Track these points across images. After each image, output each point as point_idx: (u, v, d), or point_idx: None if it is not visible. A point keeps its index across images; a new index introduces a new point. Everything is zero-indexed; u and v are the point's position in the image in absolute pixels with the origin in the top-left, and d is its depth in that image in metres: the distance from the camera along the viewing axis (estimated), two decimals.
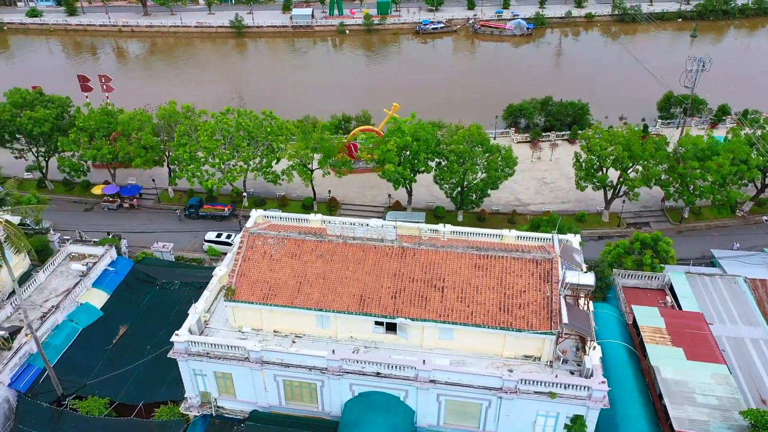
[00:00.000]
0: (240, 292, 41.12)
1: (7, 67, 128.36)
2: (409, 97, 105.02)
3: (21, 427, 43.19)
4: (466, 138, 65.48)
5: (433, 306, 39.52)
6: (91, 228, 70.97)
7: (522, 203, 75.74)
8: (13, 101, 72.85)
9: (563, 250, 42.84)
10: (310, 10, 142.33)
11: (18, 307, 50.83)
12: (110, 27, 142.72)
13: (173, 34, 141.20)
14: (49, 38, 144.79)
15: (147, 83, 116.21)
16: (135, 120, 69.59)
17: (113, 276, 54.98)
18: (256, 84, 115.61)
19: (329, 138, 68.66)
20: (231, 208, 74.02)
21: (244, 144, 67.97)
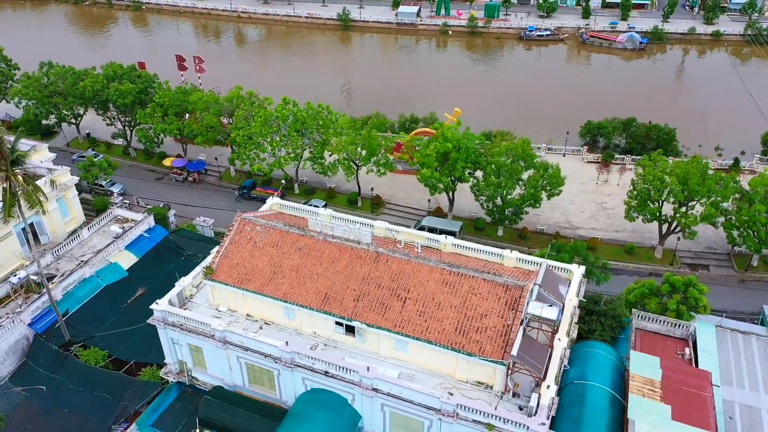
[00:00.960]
0: (218, 272, 43.12)
1: (135, 42, 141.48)
2: (488, 103, 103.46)
3: (30, 363, 48.40)
4: (508, 151, 63.18)
5: (392, 315, 39.05)
6: (154, 196, 77.19)
7: (571, 226, 71.77)
8: (107, 74, 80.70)
9: (546, 279, 40.39)
10: (417, 8, 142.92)
11: (59, 257, 56.86)
12: (231, 12, 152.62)
13: (285, 22, 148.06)
14: (179, 19, 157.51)
15: (248, 66, 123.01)
16: (202, 101, 74.39)
17: (146, 242, 59.52)
18: (350, 75, 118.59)
19: (375, 136, 69.17)
20: (280, 193, 76.85)
21: (294, 134, 70.40)
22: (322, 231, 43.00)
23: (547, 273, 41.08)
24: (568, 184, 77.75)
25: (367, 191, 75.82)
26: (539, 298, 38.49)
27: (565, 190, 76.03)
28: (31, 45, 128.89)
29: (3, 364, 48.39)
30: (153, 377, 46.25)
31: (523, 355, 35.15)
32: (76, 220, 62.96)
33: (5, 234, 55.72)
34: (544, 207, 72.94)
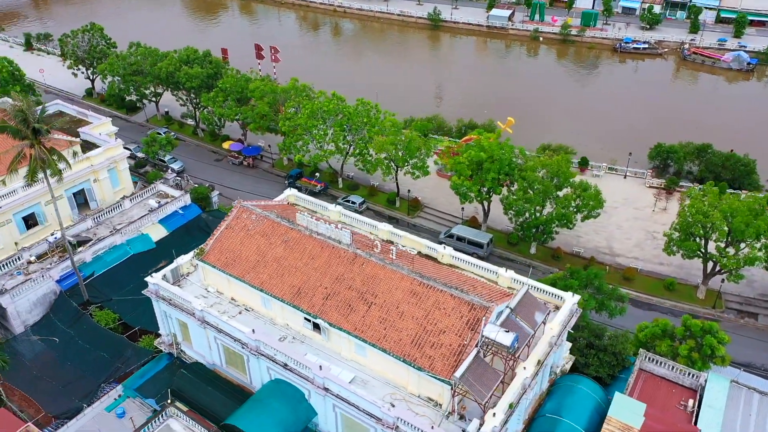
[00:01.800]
0: (209, 254, 44.98)
1: (235, 28, 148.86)
2: (560, 114, 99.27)
3: (51, 316, 52.96)
4: (544, 167, 60.49)
5: (354, 318, 38.97)
6: (208, 176, 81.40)
7: (611, 252, 67.51)
8: (181, 57, 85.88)
9: (522, 303, 38.58)
10: (509, 12, 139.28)
11: (99, 223, 61.59)
12: (328, 5, 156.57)
13: (377, 19, 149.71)
14: (281, 9, 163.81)
15: (330, 59, 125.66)
16: (259, 89, 77.28)
17: (179, 218, 62.95)
18: (428, 75, 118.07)
19: (415, 139, 68.65)
20: (324, 185, 78.52)
21: (338, 128, 71.49)
22: (308, 226, 43.59)
23: (526, 297, 39.16)
24: (621, 208, 73.62)
25: (407, 192, 75.56)
26: (507, 322, 36.89)
27: (616, 214, 72.05)
28: (142, 26, 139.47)
29: (30, 313, 53.34)
30: (149, 345, 49.11)
31: (468, 378, 33.86)
32: (126, 190, 67.69)
33: (58, 196, 61.09)
34: (587, 229, 69.47)
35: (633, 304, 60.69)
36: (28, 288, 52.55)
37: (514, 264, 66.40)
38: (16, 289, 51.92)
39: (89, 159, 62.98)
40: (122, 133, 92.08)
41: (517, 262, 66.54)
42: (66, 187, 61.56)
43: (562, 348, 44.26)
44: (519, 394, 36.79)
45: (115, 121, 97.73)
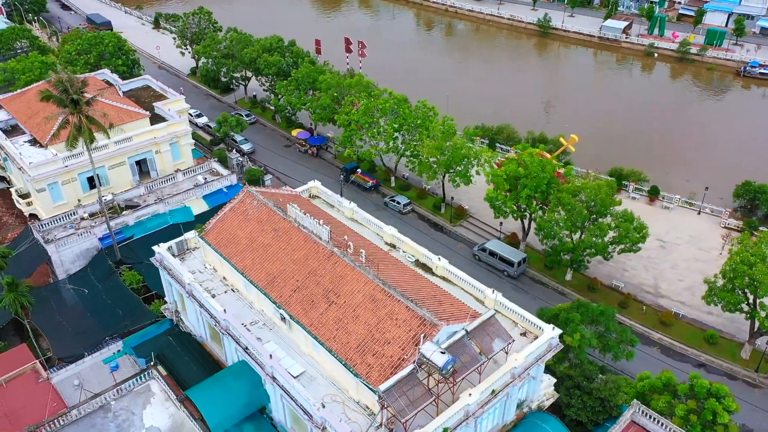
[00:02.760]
0: (209, 232, 47.26)
1: (345, 20, 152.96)
2: (635, 138, 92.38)
3: (88, 269, 58.28)
4: (584, 190, 56.72)
5: (313, 315, 39.33)
6: (272, 160, 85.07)
7: (655, 291, 61.90)
8: (263, 44, 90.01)
9: (482, 327, 36.87)
10: (625, 23, 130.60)
11: (151, 191, 66.65)
12: (440, 5, 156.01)
13: (487, 21, 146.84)
14: (396, 6, 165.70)
15: (425, 57, 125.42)
16: (326, 82, 79.22)
17: (222, 195, 66.37)
18: (518, 82, 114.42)
19: (462, 146, 67.06)
20: (376, 182, 79.04)
21: (390, 128, 71.67)
22: (296, 219, 44.44)
23: (487, 322, 37.38)
24: (683, 246, 67.65)
25: (456, 199, 74.19)
26: (457, 343, 35.52)
27: (675, 252, 66.56)
28: (263, 15, 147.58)
29: (73, 264, 59.12)
30: (156, 310, 52.66)
31: (393, 392, 33.07)
32: (185, 164, 72.38)
33: (120, 162, 66.97)
34: (635, 263, 64.50)
35: (664, 352, 55.76)
36: (72, 241, 58.29)
37: (546, 288, 63.25)
38: (62, 240, 57.82)
39: (153, 131, 68.28)
40: (212, 111, 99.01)
41: (549, 287, 63.22)
42: (129, 155, 67.33)
43: (536, 382, 41.75)
44: (459, 420, 35.39)
45: (209, 100, 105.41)
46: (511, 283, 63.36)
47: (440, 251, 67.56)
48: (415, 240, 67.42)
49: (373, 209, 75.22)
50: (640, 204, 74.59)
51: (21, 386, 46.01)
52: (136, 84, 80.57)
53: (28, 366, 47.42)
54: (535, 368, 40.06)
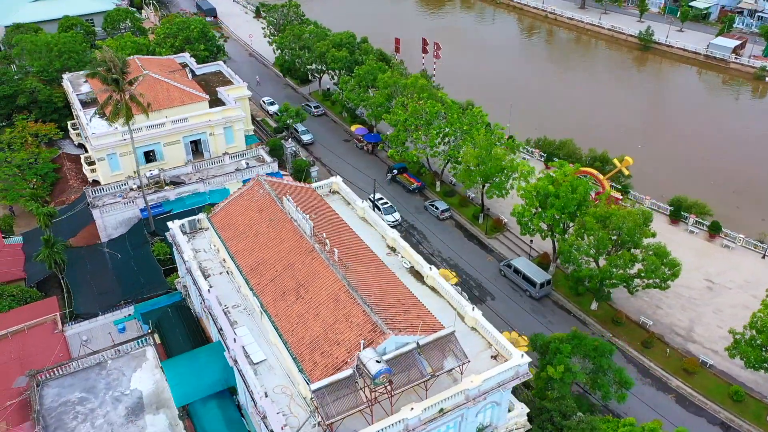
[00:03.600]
0: (216, 214, 49.35)
1: (430, 20, 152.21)
2: (710, 169, 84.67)
3: (125, 236, 62.73)
4: (613, 216, 53.09)
5: (280, 306, 40.07)
6: (327, 153, 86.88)
7: (687, 335, 56.84)
8: (333, 40, 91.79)
9: (436, 344, 35.89)
10: (737, 42, 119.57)
11: (198, 170, 70.39)
12: (539, 11, 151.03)
13: (586, 31, 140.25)
14: (496, 9, 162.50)
15: (513, 63, 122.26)
16: (383, 81, 79.55)
17: None
18: (599, 95, 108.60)
19: (502, 157, 64.95)
20: (420, 185, 78.47)
21: (434, 132, 70.87)
22: (289, 211, 45.35)
23: (443, 339, 36.29)
24: (735, 291, 62.25)
25: (496, 212, 72.15)
26: (405, 356, 34.89)
27: (723, 296, 61.72)
28: (361, 10, 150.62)
29: (115, 230, 63.92)
30: (171, 281, 55.80)
31: (324, 393, 33.10)
32: (237, 148, 75.63)
33: (175, 141, 71.30)
34: (673, 302, 59.92)
35: (680, 401, 51.53)
36: (115, 209, 63.05)
37: (567, 315, 60.11)
38: (106, 207, 62.73)
39: (208, 114, 72.02)
40: (286, 100, 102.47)
41: (571, 314, 60.01)
42: (184, 135, 71.47)
43: (501, 409, 39.95)
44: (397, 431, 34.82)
45: (286, 90, 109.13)
46: (531, 305, 60.80)
47: (468, 262, 66.81)
48: (447, 247, 66.69)
49: (413, 212, 75.19)
50: (697, 239, 68.79)
51: (38, 334, 50.67)
52: (209, 69, 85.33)
53: (49, 317, 52.10)
54: (497, 394, 38.43)
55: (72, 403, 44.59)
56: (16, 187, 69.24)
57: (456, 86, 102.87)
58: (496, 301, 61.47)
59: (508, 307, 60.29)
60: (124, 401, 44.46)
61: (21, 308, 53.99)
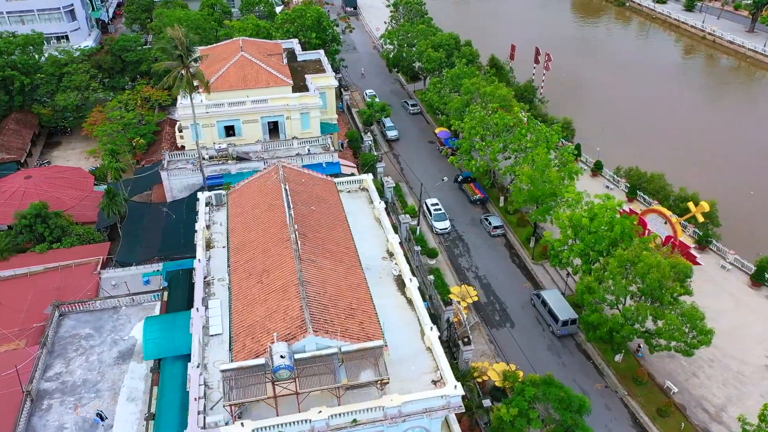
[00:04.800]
0: (233, 191, 52.44)
1: (580, 28, 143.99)
2: None
3: (184, 200, 68.20)
4: (636, 262, 47.54)
5: (243, 286, 41.87)
6: (405, 152, 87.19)
7: (715, 414, 49.36)
8: (433, 40, 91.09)
9: (358, 354, 35.47)
10: None
11: (266, 150, 74.33)
12: (697, 30, 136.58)
13: (745, 57, 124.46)
14: (653, 24, 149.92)
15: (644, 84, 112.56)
16: (466, 87, 77.66)
17: (318, 169, 69.99)
18: (745, 139, 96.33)
19: (555, 181, 60.70)
20: (484, 197, 75.90)
21: (496, 145, 68.14)
22: (285, 199, 46.72)
23: (367, 352, 35.69)
24: None
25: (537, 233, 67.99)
26: (322, 359, 35.06)
27: None
28: (508, 12, 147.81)
29: (181, 193, 69.85)
30: None
31: (231, 375, 34.26)
32: (312, 134, 78.65)
33: (254, 120, 75.91)
34: (716, 372, 53.26)
35: None
36: (181, 174, 68.89)
37: (584, 360, 55.45)
38: (174, 171, 68.85)
39: (286, 99, 75.61)
40: (390, 94, 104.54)
41: (590, 361, 55.18)
42: (262, 115, 75.77)
43: None
44: (302, 430, 35.00)
45: (394, 85, 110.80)
46: (550, 341, 56.70)
47: (504, 284, 63.80)
48: (487, 265, 64.27)
49: (467, 223, 73.29)
50: None
51: (80, 272, 57.40)
52: (310, 56, 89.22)
53: (93, 259, 58.79)
54: (423, 420, 36.84)
55: (79, 337, 50.22)
56: (117, 142, 78.22)
57: (563, 101, 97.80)
58: (514, 329, 58.15)
59: (524, 339, 56.79)
60: (120, 345, 49.07)
61: (78, 247, 61.49)
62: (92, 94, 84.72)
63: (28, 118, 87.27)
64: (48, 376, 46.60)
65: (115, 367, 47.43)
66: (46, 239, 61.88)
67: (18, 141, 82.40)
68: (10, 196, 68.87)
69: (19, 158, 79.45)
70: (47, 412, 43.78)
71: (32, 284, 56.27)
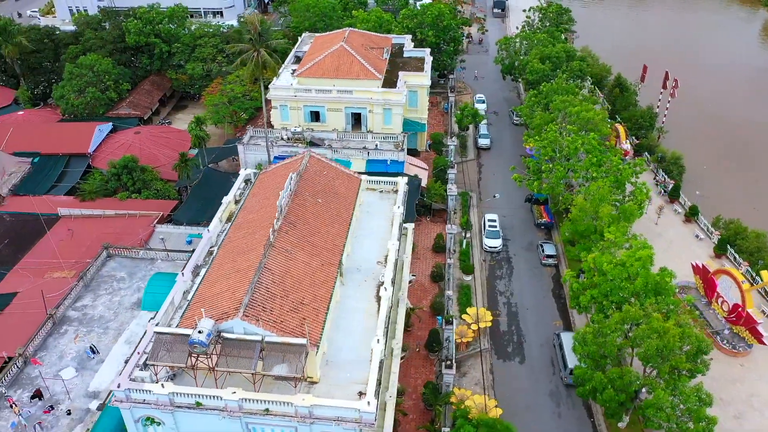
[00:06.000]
0: (263, 172, 55.15)
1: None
2: None
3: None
4: (647, 329, 42.07)
5: (221, 261, 44.31)
6: (498, 163, 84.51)
7: None
8: (542, 51, 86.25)
9: (281, 347, 36.25)
10: None
11: (340, 139, 76.47)
12: None
13: None
14: None
15: None
16: (554, 104, 72.93)
17: (382, 165, 71.61)
18: None
19: (604, 218, 55.31)
20: (550, 221, 71.31)
21: (560, 168, 63.63)
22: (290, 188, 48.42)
23: (292, 348, 36.21)
24: None
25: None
26: (246, 343, 36.40)
27: None
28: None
29: (244, 168, 74.71)
30: None
31: (164, 338, 36.90)
32: (393, 130, 79.05)
33: (338, 108, 78.40)
34: None
35: None
36: (256, 150, 73.78)
37: (585, 417, 50.51)
38: (249, 146, 73.92)
39: (369, 92, 76.95)
40: (502, 102, 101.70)
41: (591, 418, 50.34)
42: (346, 105, 78.04)
43: None
44: (217, 406, 36.86)
45: (511, 93, 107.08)
46: (555, 387, 52.54)
47: (534, 317, 60.14)
48: (524, 294, 61.97)
49: (523, 246, 69.83)
50: None
51: (140, 222, 64.40)
52: (416, 54, 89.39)
53: (154, 213, 65.54)
54: (335, 428, 36.68)
55: (113, 278, 56.72)
56: (220, 112, 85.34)
57: (688, 135, 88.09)
58: (523, 365, 54.67)
59: (529, 378, 53.24)
60: (140, 293, 54.58)
61: (151, 200, 68.94)
62: (216, 67, 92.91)
63: (162, 81, 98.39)
64: (76, 306, 53.44)
65: (129, 311, 52.97)
66: (128, 189, 70.09)
67: (147, 100, 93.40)
68: (118, 146, 78.78)
69: (142, 115, 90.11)
70: (61, 336, 50.41)
71: (101, 225, 64.31)
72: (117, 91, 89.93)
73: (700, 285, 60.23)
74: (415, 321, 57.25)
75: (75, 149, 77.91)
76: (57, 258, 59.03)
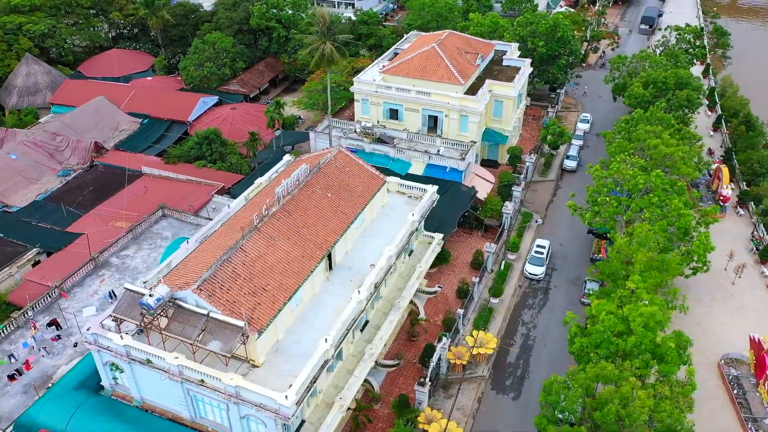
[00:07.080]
0: (299, 159, 57.12)
1: None
2: None
3: None
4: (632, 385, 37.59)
5: (224, 234, 46.99)
6: (578, 187, 79.37)
7: None
8: (649, 75, 78.35)
9: (221, 324, 38.22)
10: None
11: (411, 140, 76.31)
12: None
13: None
14: None
15: None
16: (644, 133, 66.37)
17: (439, 172, 70.38)
18: None
19: (648, 263, 49.71)
20: (606, 257, 65.40)
21: (613, 203, 58.25)
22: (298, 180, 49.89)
23: (229, 326, 37.94)
24: None
25: None
26: (194, 314, 38.77)
27: None
28: None
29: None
30: None
31: (127, 295, 40.32)
32: (467, 138, 77.06)
33: (415, 109, 78.27)
34: None
35: None
36: (324, 138, 76.07)
37: None
38: (319, 134, 76.58)
39: (446, 96, 75.76)
40: (605, 122, 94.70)
41: None
42: (423, 107, 77.70)
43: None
44: (162, 367, 39.77)
45: (617, 113, 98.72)
46: None
47: (552, 353, 56.20)
48: (549, 328, 59.63)
49: (570, 279, 65.28)
50: None
51: (203, 190, 69.71)
52: (514, 63, 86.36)
53: (217, 183, 70.70)
54: (260, 413, 37.76)
55: (159, 236, 62.44)
56: (314, 98, 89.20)
57: None
58: (513, 402, 51.39)
59: (515, 415, 50.09)
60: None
61: (222, 172, 74.32)
62: None
63: (276, 64, 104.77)
64: (120, 254, 59.72)
65: (147, 271, 57.90)
66: (206, 158, 76.23)
67: (257, 80, 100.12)
68: (214, 118, 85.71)
69: (248, 93, 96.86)
70: (98, 278, 56.75)
71: (171, 187, 70.79)
72: (232, 68, 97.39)
73: (752, 361, 52.39)
74: (420, 332, 56.26)
75: (178, 116, 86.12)
76: (124, 210, 66.20)
